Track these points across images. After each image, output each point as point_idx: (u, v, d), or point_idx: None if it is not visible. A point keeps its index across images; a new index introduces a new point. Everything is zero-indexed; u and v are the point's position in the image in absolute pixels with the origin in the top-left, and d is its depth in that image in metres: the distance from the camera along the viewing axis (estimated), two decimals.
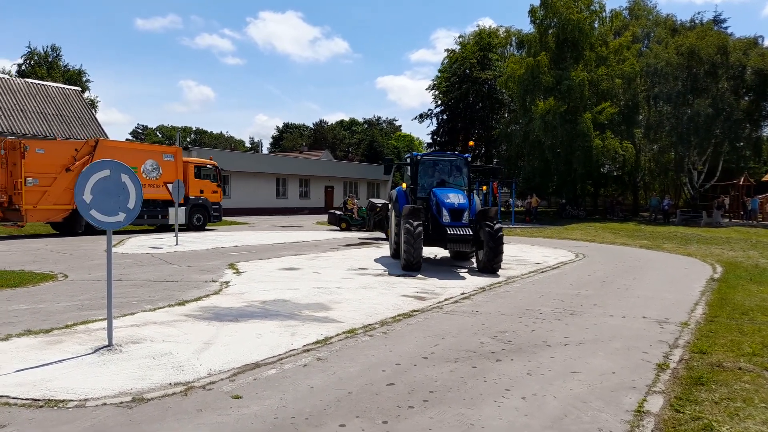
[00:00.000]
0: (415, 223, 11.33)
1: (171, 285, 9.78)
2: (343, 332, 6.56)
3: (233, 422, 3.94)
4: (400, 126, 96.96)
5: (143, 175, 21.75)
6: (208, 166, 25.37)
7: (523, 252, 16.81)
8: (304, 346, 5.95)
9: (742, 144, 34.82)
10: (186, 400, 4.36)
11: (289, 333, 6.46)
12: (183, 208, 23.04)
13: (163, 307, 7.81)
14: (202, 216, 24.43)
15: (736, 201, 36.25)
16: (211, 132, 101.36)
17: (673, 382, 5.03)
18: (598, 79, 34.50)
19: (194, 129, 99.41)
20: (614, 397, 4.63)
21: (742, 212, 34.44)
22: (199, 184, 24.45)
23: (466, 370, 5.26)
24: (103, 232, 21.38)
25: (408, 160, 13.67)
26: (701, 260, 15.27)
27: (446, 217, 11.80)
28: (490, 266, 11.52)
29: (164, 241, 18.26)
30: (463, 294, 9.39)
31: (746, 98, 33.02)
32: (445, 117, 46.35)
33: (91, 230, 20.46)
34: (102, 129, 35.36)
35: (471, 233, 11.55)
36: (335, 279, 10.63)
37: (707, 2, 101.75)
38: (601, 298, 9.23)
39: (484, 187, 13.96)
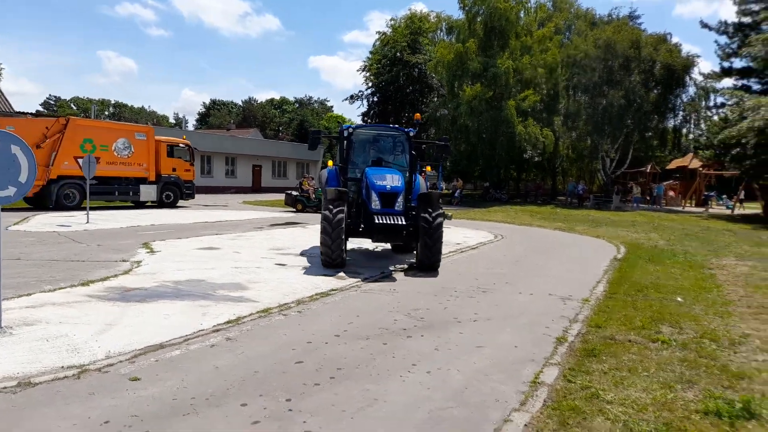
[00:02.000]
0: (335, 210, 9.23)
1: (76, 265, 9.20)
2: (257, 312, 6.46)
3: (128, 405, 3.79)
4: (332, 107, 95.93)
5: (114, 153, 22.58)
6: (181, 145, 25.86)
7: (446, 233, 17.20)
8: (215, 326, 5.80)
9: (650, 134, 37.24)
10: (78, 383, 4.14)
11: (200, 313, 6.28)
12: (154, 185, 24.12)
13: (65, 288, 7.35)
14: (173, 194, 24.99)
15: (644, 187, 38.90)
16: (132, 106, 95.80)
17: (569, 355, 5.35)
18: (522, 68, 35.60)
19: (113, 102, 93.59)
20: (514, 370, 4.86)
21: (648, 197, 37.01)
22: (172, 162, 24.98)
23: (377, 347, 5.33)
24: (66, 208, 20.66)
25: (340, 134, 11.02)
26: (608, 241, 16.29)
27: (376, 202, 9.58)
28: (426, 263, 9.65)
29: (74, 219, 17.15)
30: (382, 273, 9.50)
31: (655, 91, 35.21)
32: (375, 99, 46.38)
33: (60, 206, 20.83)
34: (6, 99, 32.47)
35: (403, 223, 9.46)
36: (255, 259, 10.42)
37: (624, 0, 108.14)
38: (514, 277, 9.64)
39: (428, 168, 12.30)
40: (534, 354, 5.34)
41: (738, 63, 32.41)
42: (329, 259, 9.40)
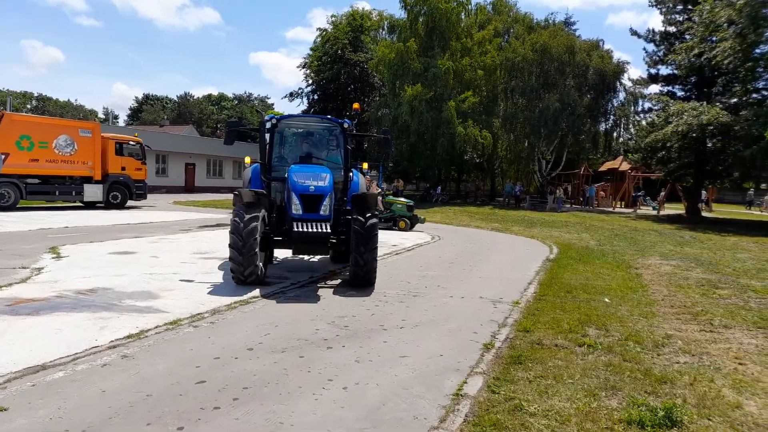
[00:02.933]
0: (248, 218, 7.62)
1: None
2: (165, 324, 5.89)
3: None
4: (272, 104, 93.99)
5: (55, 150, 21.18)
6: (131, 143, 24.37)
7: (383, 235, 16.97)
8: (111, 341, 5.20)
9: (583, 137, 38.50)
10: None
11: (98, 327, 5.65)
12: (100, 185, 22.61)
13: None
14: (121, 194, 23.67)
15: (577, 189, 40.25)
16: (57, 99, 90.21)
17: (495, 362, 5.13)
18: (462, 69, 35.96)
19: (36, 95, 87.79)
20: (437, 381, 4.58)
21: (581, 198, 38.30)
22: (121, 161, 23.62)
23: (292, 361, 4.92)
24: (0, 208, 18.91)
25: (261, 126, 9.06)
26: (541, 242, 16.54)
27: (296, 206, 8.01)
28: (360, 277, 8.16)
29: None
30: (311, 278, 9.07)
31: (588, 96, 36.47)
32: (316, 97, 45.69)
33: None
34: None
35: (327, 230, 7.95)
36: (174, 264, 9.73)
37: (561, 6, 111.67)
38: (446, 280, 9.46)
39: (365, 165, 10.88)
40: (459, 363, 5.09)
41: (664, 70, 34.12)
42: (241, 276, 7.79)
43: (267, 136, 9.03)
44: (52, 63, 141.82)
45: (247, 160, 9.85)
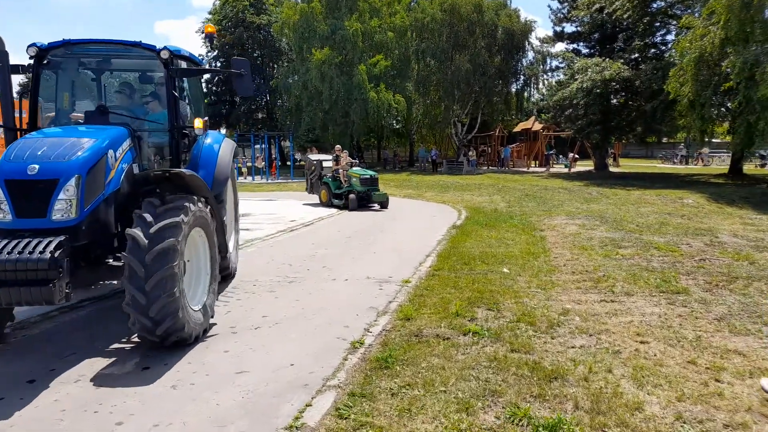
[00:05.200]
0: None
1: None
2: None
3: None
4: None
5: None
6: None
7: (285, 208, 15.67)
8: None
9: (496, 98, 38.41)
10: None
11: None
12: None
13: None
14: None
15: (493, 150, 40.39)
16: None
17: (358, 368, 4.11)
18: (371, 31, 34.54)
19: None
20: (270, 408, 3.49)
21: (497, 160, 38.48)
22: None
23: (71, 404, 3.65)
24: None
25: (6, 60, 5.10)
26: (452, 206, 15.85)
27: (2, 208, 4.16)
28: (144, 333, 4.27)
29: None
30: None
31: (498, 56, 36.17)
32: (218, 64, 42.57)
33: None
34: None
35: (46, 257, 3.86)
36: None
37: None
38: (336, 258, 8.38)
39: (201, 121, 5.32)
40: (312, 374, 4.03)
41: (569, 28, 34.31)
42: None
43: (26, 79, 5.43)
44: None
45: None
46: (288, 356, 4.38)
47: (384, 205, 15.24)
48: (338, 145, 18.08)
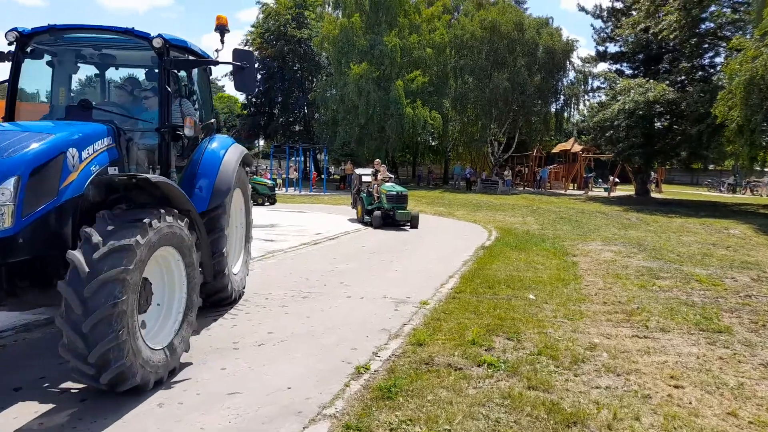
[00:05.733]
0: None
1: None
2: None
3: None
4: (223, 86, 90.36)
5: None
6: None
7: (314, 221, 15.55)
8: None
9: (534, 118, 37.71)
10: None
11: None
12: None
13: None
14: None
15: (530, 170, 39.60)
16: None
17: (359, 397, 3.81)
18: (410, 47, 34.51)
19: None
20: None
21: (533, 180, 37.69)
22: None
23: (51, 419, 3.46)
24: None
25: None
26: (482, 226, 15.42)
27: None
28: (82, 377, 3.51)
29: None
30: None
31: (538, 75, 35.55)
32: (259, 76, 43.35)
33: None
34: None
35: None
36: None
37: None
38: (355, 274, 8.11)
39: (189, 120, 4.89)
40: (308, 400, 3.74)
41: (612, 47, 33.48)
42: None
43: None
44: None
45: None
46: (287, 378, 4.11)
47: (413, 224, 14.47)
48: (378, 159, 17.74)
